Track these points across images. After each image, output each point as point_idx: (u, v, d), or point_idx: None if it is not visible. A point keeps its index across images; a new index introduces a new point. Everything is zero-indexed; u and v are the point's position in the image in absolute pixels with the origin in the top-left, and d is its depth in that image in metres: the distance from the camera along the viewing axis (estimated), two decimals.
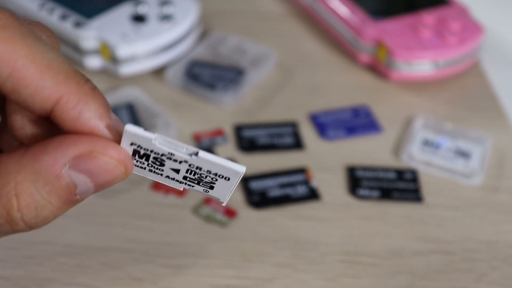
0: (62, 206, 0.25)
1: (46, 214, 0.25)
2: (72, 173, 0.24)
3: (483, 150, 0.46)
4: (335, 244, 0.39)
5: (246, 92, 0.51)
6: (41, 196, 0.24)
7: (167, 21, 0.51)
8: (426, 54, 0.51)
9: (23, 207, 0.24)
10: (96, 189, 0.25)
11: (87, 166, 0.24)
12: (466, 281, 0.37)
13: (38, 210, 0.24)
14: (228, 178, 0.26)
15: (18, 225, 0.25)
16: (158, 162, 0.25)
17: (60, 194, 0.24)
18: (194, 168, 0.25)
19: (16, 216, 0.24)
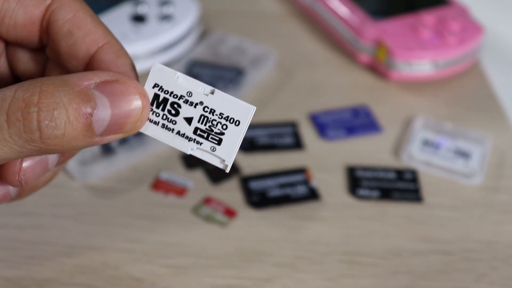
0: (75, 121, 0.25)
1: (60, 123, 0.25)
2: (96, 93, 0.25)
3: (483, 150, 0.46)
4: (335, 244, 0.39)
5: (246, 92, 0.51)
6: (61, 100, 0.25)
7: (167, 21, 0.51)
8: (426, 54, 0.51)
9: (42, 102, 0.24)
10: (112, 118, 0.26)
11: (111, 89, 0.26)
12: (466, 281, 0.37)
13: (54, 113, 0.25)
14: (238, 122, 0.27)
15: (31, 121, 0.24)
16: (173, 110, 0.27)
17: (78, 104, 0.25)
18: (207, 112, 0.27)
19: (32, 110, 0.24)
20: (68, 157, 0.30)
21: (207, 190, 0.42)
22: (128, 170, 0.43)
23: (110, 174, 0.42)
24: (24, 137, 0.25)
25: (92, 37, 0.28)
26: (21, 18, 0.29)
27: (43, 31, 0.29)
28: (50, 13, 0.28)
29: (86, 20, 0.28)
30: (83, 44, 0.28)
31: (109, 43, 0.28)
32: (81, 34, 0.28)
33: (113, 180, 0.42)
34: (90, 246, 0.38)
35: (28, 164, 0.28)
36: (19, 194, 0.30)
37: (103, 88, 0.26)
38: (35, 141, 0.25)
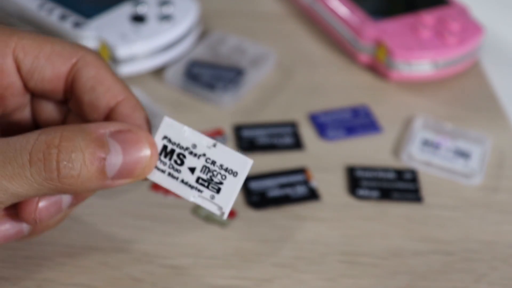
0: (90, 164, 0.28)
1: (76, 165, 0.27)
2: (110, 140, 0.28)
3: (482, 150, 0.46)
4: (335, 244, 0.39)
5: (245, 92, 0.51)
6: (79, 144, 0.27)
7: (166, 21, 0.51)
8: (426, 54, 0.51)
9: (62, 146, 0.27)
10: (122, 166, 0.28)
11: (123, 137, 0.29)
12: (465, 281, 0.37)
13: (72, 156, 0.27)
14: (236, 173, 0.29)
15: (51, 161, 0.27)
16: (179, 160, 0.30)
17: (94, 149, 0.28)
18: (209, 163, 0.30)
19: (53, 151, 0.27)
20: (80, 199, 0.32)
21: None
22: None
23: None
24: (44, 175, 0.27)
25: (112, 93, 0.31)
26: (49, 73, 0.32)
27: (67, 86, 0.32)
28: (76, 71, 0.31)
29: (107, 77, 0.31)
30: (104, 98, 0.31)
31: (127, 98, 0.31)
32: (103, 90, 0.31)
33: None
34: (89, 246, 0.38)
35: (43, 204, 0.30)
36: (31, 233, 0.32)
37: (117, 136, 0.29)
38: (53, 180, 0.27)
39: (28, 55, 0.31)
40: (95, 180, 0.28)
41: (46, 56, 0.31)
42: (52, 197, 0.30)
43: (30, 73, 0.31)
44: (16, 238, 0.31)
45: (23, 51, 0.31)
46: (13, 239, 0.31)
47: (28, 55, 0.31)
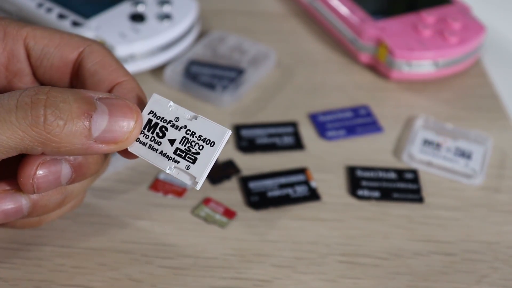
0: (76, 118, 0.28)
1: (63, 114, 0.28)
2: (97, 102, 0.29)
3: (484, 150, 0.46)
4: (335, 244, 0.39)
5: (245, 92, 0.50)
6: (68, 97, 0.28)
7: (165, 20, 0.51)
8: (427, 53, 0.51)
9: (51, 94, 0.28)
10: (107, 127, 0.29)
11: (111, 101, 0.30)
12: (466, 282, 0.37)
13: (60, 105, 0.28)
14: (213, 143, 0.30)
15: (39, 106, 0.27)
16: (161, 132, 0.31)
17: (81, 104, 0.28)
18: (189, 134, 0.30)
19: (42, 97, 0.28)
20: (79, 175, 0.32)
21: (206, 190, 0.42)
22: (127, 170, 0.43)
23: (109, 175, 0.42)
24: (30, 120, 0.27)
25: (114, 75, 0.33)
26: (57, 61, 0.33)
27: (74, 73, 0.33)
28: (82, 58, 0.33)
29: (111, 63, 0.33)
30: (106, 80, 0.32)
31: (127, 81, 0.33)
32: (106, 73, 0.33)
33: (112, 180, 0.42)
34: (88, 247, 0.37)
35: (42, 172, 0.30)
36: (31, 212, 0.32)
37: (105, 100, 0.30)
38: (39, 125, 0.27)
39: (38, 43, 0.33)
40: (79, 136, 0.28)
41: (55, 44, 0.33)
42: (52, 166, 0.30)
43: (40, 60, 0.33)
44: (16, 217, 0.31)
45: (34, 40, 0.33)
46: (13, 217, 0.31)
47: (39, 43, 0.33)
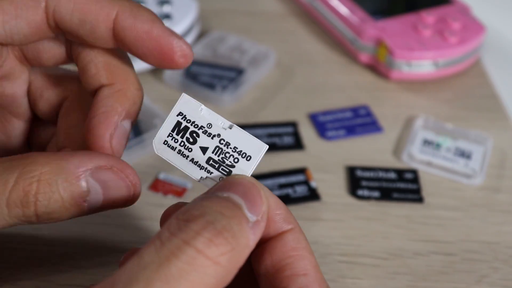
0: (70, 207, 0.27)
1: (55, 208, 0.27)
2: (90, 180, 0.27)
3: (483, 150, 0.46)
4: (335, 244, 0.39)
5: (245, 91, 0.50)
6: (57, 189, 0.27)
7: (165, 20, 0.51)
8: (427, 53, 0.51)
9: (40, 193, 0.27)
10: (103, 203, 0.28)
11: (104, 177, 0.28)
12: (466, 282, 0.37)
13: (50, 201, 0.27)
14: (250, 157, 0.28)
15: (29, 209, 0.27)
16: (192, 138, 0.29)
17: (73, 193, 0.27)
18: (223, 144, 0.29)
19: (31, 200, 0.27)
20: None
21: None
22: None
23: None
24: (23, 219, 0.27)
25: (103, 14, 0.29)
26: (27, 29, 0.30)
27: (54, 30, 0.30)
28: (53, 14, 0.29)
29: (87, 1, 0.29)
30: (100, 25, 0.29)
31: (120, 10, 0.29)
32: (92, 18, 0.29)
33: None
34: (88, 247, 0.37)
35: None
36: None
37: (97, 175, 0.27)
38: (33, 222, 0.27)
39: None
40: (77, 215, 0.28)
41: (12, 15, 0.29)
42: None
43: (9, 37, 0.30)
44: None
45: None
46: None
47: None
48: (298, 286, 0.26)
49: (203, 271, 0.22)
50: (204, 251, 0.23)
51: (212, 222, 0.23)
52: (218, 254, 0.23)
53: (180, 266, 0.22)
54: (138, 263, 0.23)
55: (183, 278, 0.22)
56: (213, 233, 0.23)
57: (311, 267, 0.27)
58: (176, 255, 0.22)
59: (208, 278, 0.22)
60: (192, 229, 0.23)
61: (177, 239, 0.23)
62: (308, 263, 0.27)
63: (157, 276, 0.22)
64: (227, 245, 0.23)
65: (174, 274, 0.22)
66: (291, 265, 0.27)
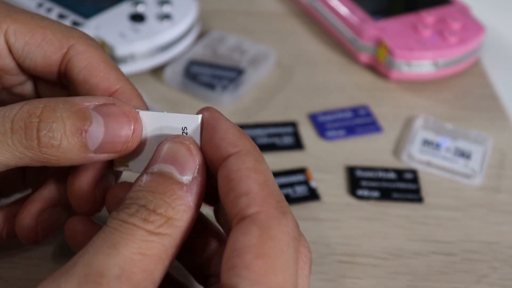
0: (71, 135, 0.27)
1: (57, 135, 0.27)
2: (93, 113, 0.28)
3: (483, 150, 0.46)
4: (335, 244, 0.39)
5: (245, 92, 0.50)
6: (61, 115, 0.27)
7: (165, 20, 0.51)
8: (426, 53, 0.51)
9: (43, 115, 0.27)
10: (104, 138, 0.28)
11: (107, 110, 0.28)
12: (466, 282, 0.37)
13: (53, 126, 0.27)
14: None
15: (31, 130, 0.27)
16: None
17: (75, 120, 0.27)
18: None
19: (34, 121, 0.27)
20: None
21: None
22: None
23: None
24: (25, 144, 0.27)
25: (105, 84, 0.31)
26: (40, 61, 0.31)
27: (62, 75, 0.32)
28: (68, 61, 0.31)
29: (99, 67, 0.31)
30: (98, 91, 0.31)
31: (121, 88, 0.31)
32: (95, 82, 0.31)
33: None
34: None
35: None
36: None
37: (101, 109, 0.28)
38: (34, 148, 0.27)
39: (19, 40, 0.31)
40: (76, 151, 0.28)
41: (36, 43, 0.31)
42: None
43: (22, 57, 0.31)
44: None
45: (15, 36, 0.31)
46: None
47: (19, 40, 0.31)
48: (239, 208, 0.26)
49: (145, 239, 0.25)
50: (141, 226, 0.25)
51: (143, 205, 0.26)
52: (156, 227, 0.25)
53: (123, 236, 0.25)
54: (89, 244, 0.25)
55: (129, 245, 0.25)
56: (146, 214, 0.25)
57: (255, 185, 0.26)
58: (117, 229, 0.25)
59: (153, 244, 0.25)
60: (127, 213, 0.26)
61: (116, 220, 0.25)
62: (251, 181, 0.26)
63: (104, 245, 0.25)
64: (162, 218, 0.26)
65: (120, 241, 0.25)
66: (233, 188, 0.26)
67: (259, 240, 0.25)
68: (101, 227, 0.27)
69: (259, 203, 0.26)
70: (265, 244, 0.25)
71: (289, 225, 0.26)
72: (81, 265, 0.24)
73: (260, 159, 0.27)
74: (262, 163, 0.27)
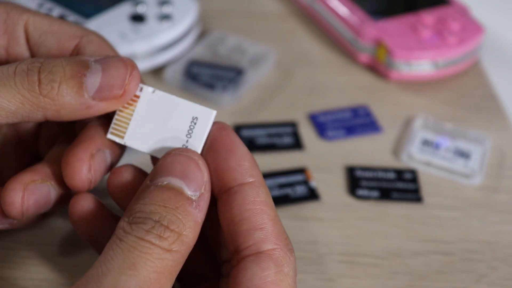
0: (70, 77, 0.29)
1: (55, 77, 0.28)
2: (92, 63, 0.29)
3: (482, 150, 0.46)
4: (334, 244, 0.39)
5: (245, 92, 0.50)
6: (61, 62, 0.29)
7: (166, 20, 0.51)
8: (426, 54, 0.51)
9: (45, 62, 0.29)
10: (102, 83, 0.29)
11: (105, 59, 0.30)
12: (465, 281, 0.37)
13: (53, 69, 0.29)
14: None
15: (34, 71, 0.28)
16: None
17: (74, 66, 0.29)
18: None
19: (36, 65, 0.29)
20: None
21: None
22: None
23: None
24: (27, 85, 0.28)
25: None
26: (55, 48, 0.33)
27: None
28: (79, 48, 0.33)
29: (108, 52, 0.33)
30: None
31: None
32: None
33: None
34: (89, 246, 0.37)
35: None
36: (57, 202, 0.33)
37: (100, 59, 0.30)
38: (35, 89, 0.28)
39: (37, 29, 0.33)
40: (74, 95, 0.29)
41: (53, 32, 0.33)
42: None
43: (37, 46, 0.33)
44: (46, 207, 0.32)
45: (34, 25, 0.33)
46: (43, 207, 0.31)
47: (37, 29, 0.33)
48: (255, 241, 0.27)
49: (161, 257, 0.25)
50: (157, 244, 0.26)
51: (158, 220, 0.26)
52: (169, 244, 0.26)
53: (142, 255, 0.25)
54: (105, 258, 0.25)
55: (147, 265, 0.25)
56: (161, 230, 0.26)
57: (268, 220, 0.28)
58: (135, 247, 0.25)
59: (167, 261, 0.26)
60: (143, 229, 0.26)
61: (132, 236, 0.26)
62: (266, 216, 0.28)
63: (124, 265, 0.25)
64: (174, 235, 0.26)
65: (139, 262, 0.25)
66: (248, 219, 0.28)
67: (275, 277, 0.27)
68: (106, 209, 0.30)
69: (274, 240, 0.28)
70: (281, 281, 0.27)
71: (294, 262, 0.28)
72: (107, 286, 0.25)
73: (268, 192, 0.29)
74: (270, 196, 0.29)
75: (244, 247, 0.28)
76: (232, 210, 0.28)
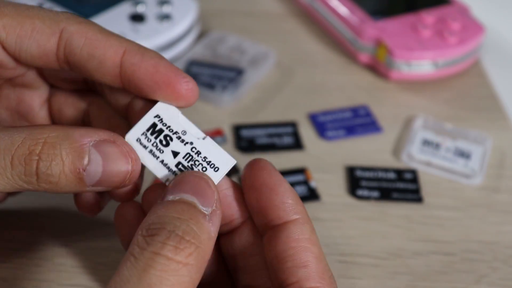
0: (69, 173, 0.28)
1: (55, 172, 0.28)
2: (92, 150, 0.28)
3: (483, 150, 0.46)
4: (334, 244, 0.39)
5: (245, 92, 0.50)
6: (60, 153, 0.28)
7: (165, 20, 0.51)
8: (426, 54, 0.51)
9: (43, 153, 0.28)
10: (102, 176, 0.28)
11: (106, 149, 0.28)
12: (466, 282, 0.37)
13: (52, 163, 0.28)
14: (217, 169, 0.29)
15: (31, 167, 0.28)
16: (165, 141, 0.30)
17: (74, 160, 0.28)
18: (194, 152, 0.30)
19: (34, 158, 0.28)
20: None
21: None
22: None
23: None
24: (24, 179, 0.28)
25: (111, 51, 0.30)
26: (36, 52, 0.31)
27: (62, 62, 0.31)
28: (64, 46, 0.31)
29: (98, 38, 0.30)
30: (107, 60, 0.30)
31: (127, 49, 0.30)
32: (101, 53, 0.30)
33: None
34: (88, 247, 0.37)
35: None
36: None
37: (100, 146, 0.28)
38: (33, 183, 0.28)
39: (9, 34, 0.30)
40: (73, 187, 0.28)
41: (27, 35, 0.30)
42: None
43: (17, 51, 0.31)
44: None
45: (5, 31, 0.30)
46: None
47: (10, 34, 0.30)
48: (298, 278, 0.28)
49: (177, 273, 0.25)
50: (173, 258, 0.25)
51: (173, 230, 0.26)
52: (186, 256, 0.25)
53: (157, 274, 0.24)
54: (120, 279, 0.25)
55: (163, 284, 0.24)
56: (177, 240, 0.25)
57: (312, 258, 0.28)
58: (151, 265, 0.25)
59: (183, 278, 0.25)
60: (159, 241, 0.25)
61: (148, 252, 0.25)
62: (310, 254, 0.28)
63: (141, 286, 0.24)
64: (191, 246, 0.26)
65: (155, 282, 0.24)
66: (292, 257, 0.28)
67: None
68: None
69: (317, 278, 0.28)
70: None
71: None
72: None
73: (313, 228, 0.29)
74: (315, 233, 0.29)
75: (288, 283, 0.28)
76: (277, 248, 0.28)
